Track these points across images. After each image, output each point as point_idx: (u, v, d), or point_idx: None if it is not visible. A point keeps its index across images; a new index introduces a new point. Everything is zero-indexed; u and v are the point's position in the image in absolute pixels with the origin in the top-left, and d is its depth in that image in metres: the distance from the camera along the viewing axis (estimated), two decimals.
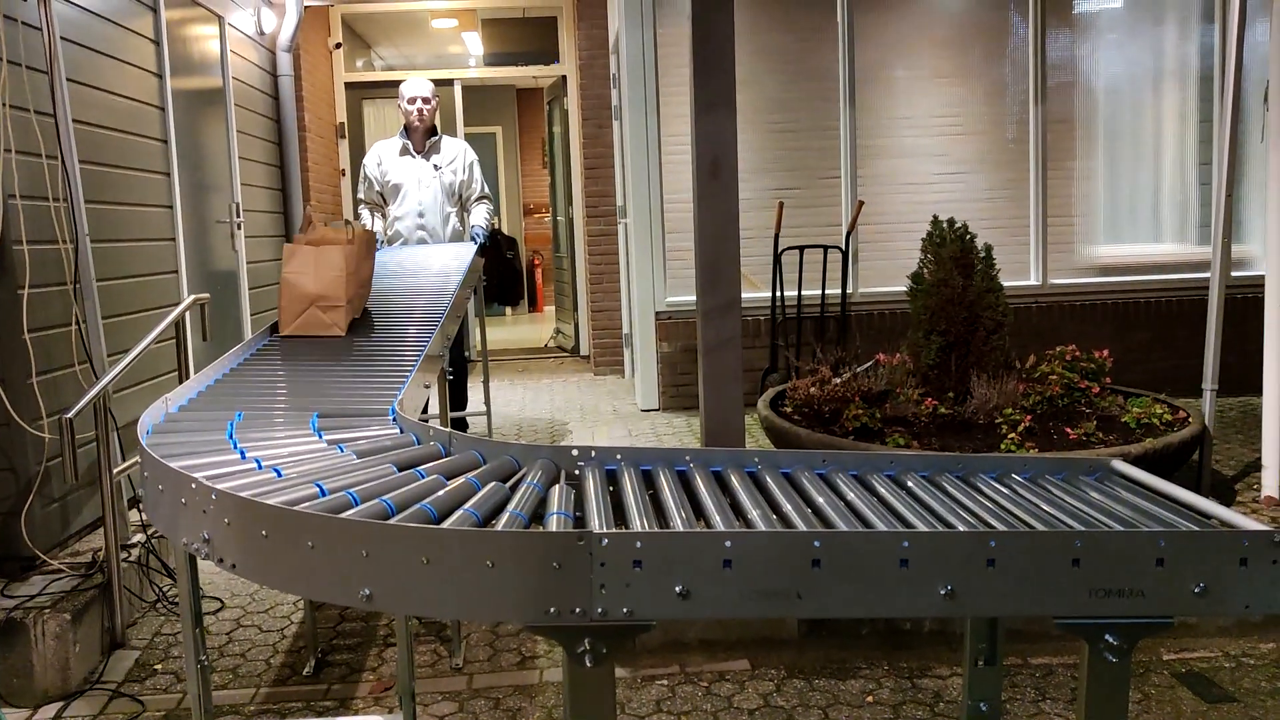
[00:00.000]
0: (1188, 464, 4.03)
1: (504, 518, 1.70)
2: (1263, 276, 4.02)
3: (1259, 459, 4.06)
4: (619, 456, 2.05)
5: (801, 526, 1.71)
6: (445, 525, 1.64)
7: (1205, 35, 6.56)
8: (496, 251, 5.71)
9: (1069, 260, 6.59)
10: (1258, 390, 3.99)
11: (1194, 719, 2.95)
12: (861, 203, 6.25)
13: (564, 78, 8.89)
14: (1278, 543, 1.56)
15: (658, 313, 6.31)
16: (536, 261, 13.65)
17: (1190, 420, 4.04)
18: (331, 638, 3.59)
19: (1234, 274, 5.00)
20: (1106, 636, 1.58)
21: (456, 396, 5.73)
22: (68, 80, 3.83)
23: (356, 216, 5.83)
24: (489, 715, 3.04)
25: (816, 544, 1.51)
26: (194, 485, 1.75)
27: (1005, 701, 2.99)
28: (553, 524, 1.70)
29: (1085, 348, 4.60)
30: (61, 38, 3.84)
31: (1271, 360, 3.93)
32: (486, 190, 5.78)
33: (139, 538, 3.93)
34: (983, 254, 4.45)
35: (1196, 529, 1.65)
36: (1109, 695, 1.62)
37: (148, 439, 2.12)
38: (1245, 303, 5.42)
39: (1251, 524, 1.63)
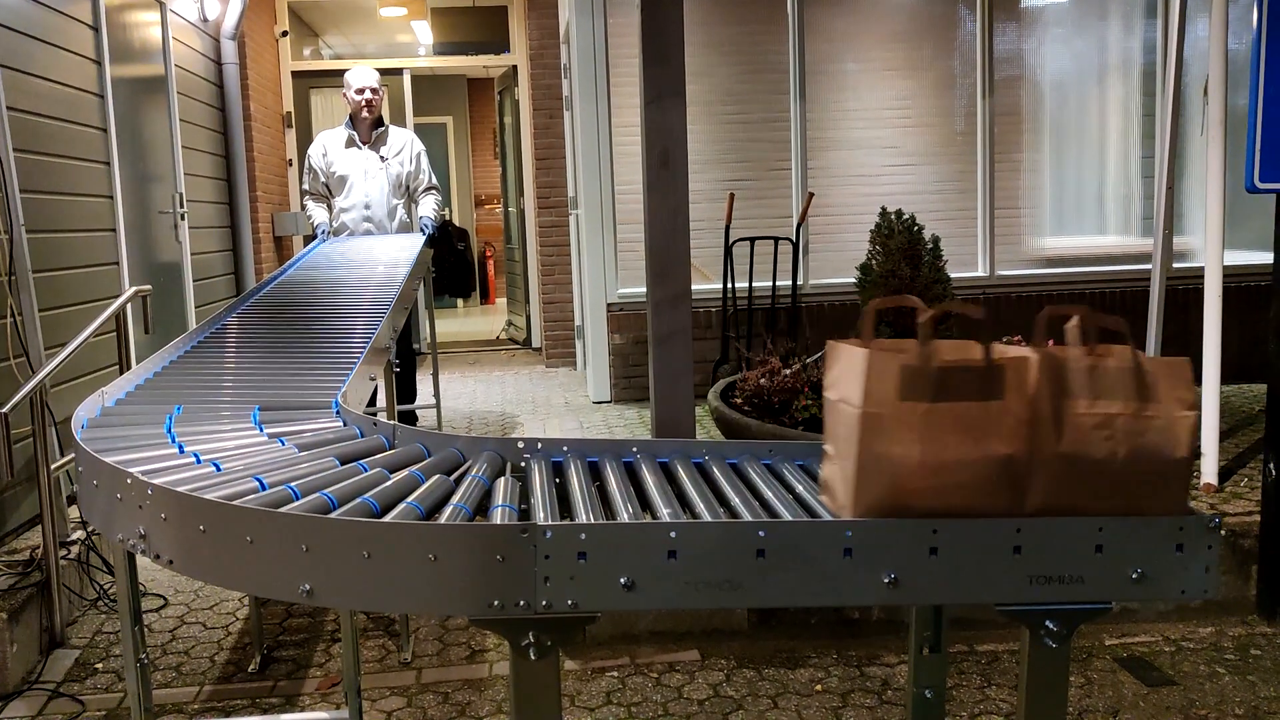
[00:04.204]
0: None
1: (448, 511, 1.68)
2: (1203, 268, 4.09)
3: (1197, 446, 4.14)
4: (565, 448, 2.04)
5: (748, 517, 1.71)
6: (388, 519, 1.61)
7: (1148, 31, 6.66)
8: (448, 243, 5.67)
9: (1016, 251, 6.67)
10: (1196, 379, 4.07)
11: (1135, 702, 3.00)
12: (811, 194, 6.27)
13: (515, 67, 8.84)
14: (1213, 528, 1.59)
15: (609, 304, 6.29)
16: (488, 253, 13.57)
17: None
18: (278, 634, 3.54)
19: (1175, 266, 5.09)
20: (1047, 622, 1.60)
21: (405, 390, 5.67)
22: (1, 66, 3.74)
23: (303, 208, 5.75)
24: (438, 709, 3.02)
25: (761, 534, 1.51)
26: (130, 480, 1.71)
27: (951, 688, 3.03)
28: (497, 516, 1.68)
29: (1031, 338, 4.65)
30: None
31: (1209, 350, 4.01)
32: (434, 181, 5.73)
33: (78, 535, 3.84)
34: (930, 245, 4.49)
35: (1135, 516, 1.67)
36: (1049, 680, 1.64)
37: (83, 433, 2.07)
38: (1186, 293, 5.52)
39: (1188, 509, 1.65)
